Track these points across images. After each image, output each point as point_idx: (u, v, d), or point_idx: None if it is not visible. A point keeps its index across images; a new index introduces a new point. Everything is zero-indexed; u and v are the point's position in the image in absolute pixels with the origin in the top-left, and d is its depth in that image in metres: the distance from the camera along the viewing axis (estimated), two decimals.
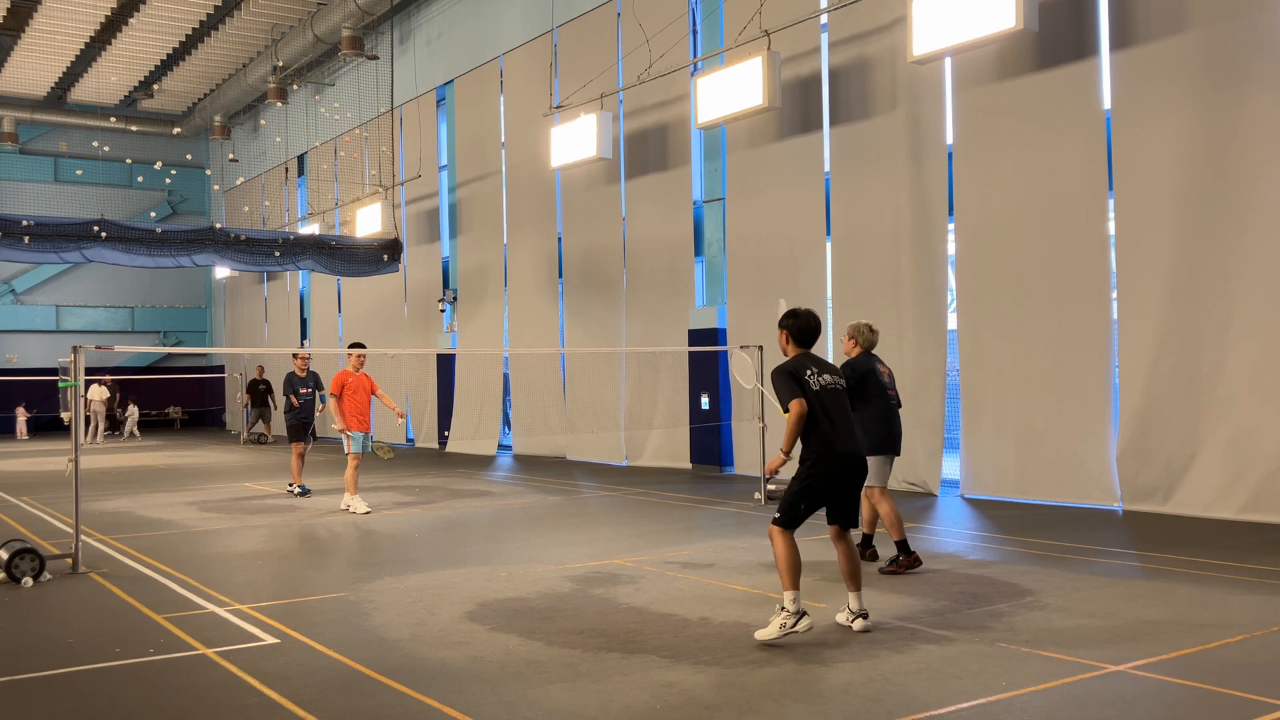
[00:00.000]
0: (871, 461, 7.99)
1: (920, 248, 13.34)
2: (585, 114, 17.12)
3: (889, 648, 5.92)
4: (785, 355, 6.70)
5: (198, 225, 22.04)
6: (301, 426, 14.26)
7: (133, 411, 29.96)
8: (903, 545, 8.16)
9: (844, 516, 6.46)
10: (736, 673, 5.51)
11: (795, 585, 6.11)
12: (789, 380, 6.38)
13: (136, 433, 29.90)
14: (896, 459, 8.54)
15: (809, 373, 6.41)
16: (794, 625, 6.05)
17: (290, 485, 14.25)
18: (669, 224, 17.23)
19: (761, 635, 6.09)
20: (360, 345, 12.91)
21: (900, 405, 8.53)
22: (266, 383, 25.64)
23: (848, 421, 6.45)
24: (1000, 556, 8.80)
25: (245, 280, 33.16)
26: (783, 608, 6.08)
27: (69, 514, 9.37)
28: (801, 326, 6.62)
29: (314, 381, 14.53)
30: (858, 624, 6.36)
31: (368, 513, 12.20)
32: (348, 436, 12.39)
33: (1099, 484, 11.52)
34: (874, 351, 8.59)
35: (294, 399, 14.29)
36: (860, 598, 6.42)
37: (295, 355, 14.62)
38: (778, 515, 6.30)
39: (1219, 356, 10.60)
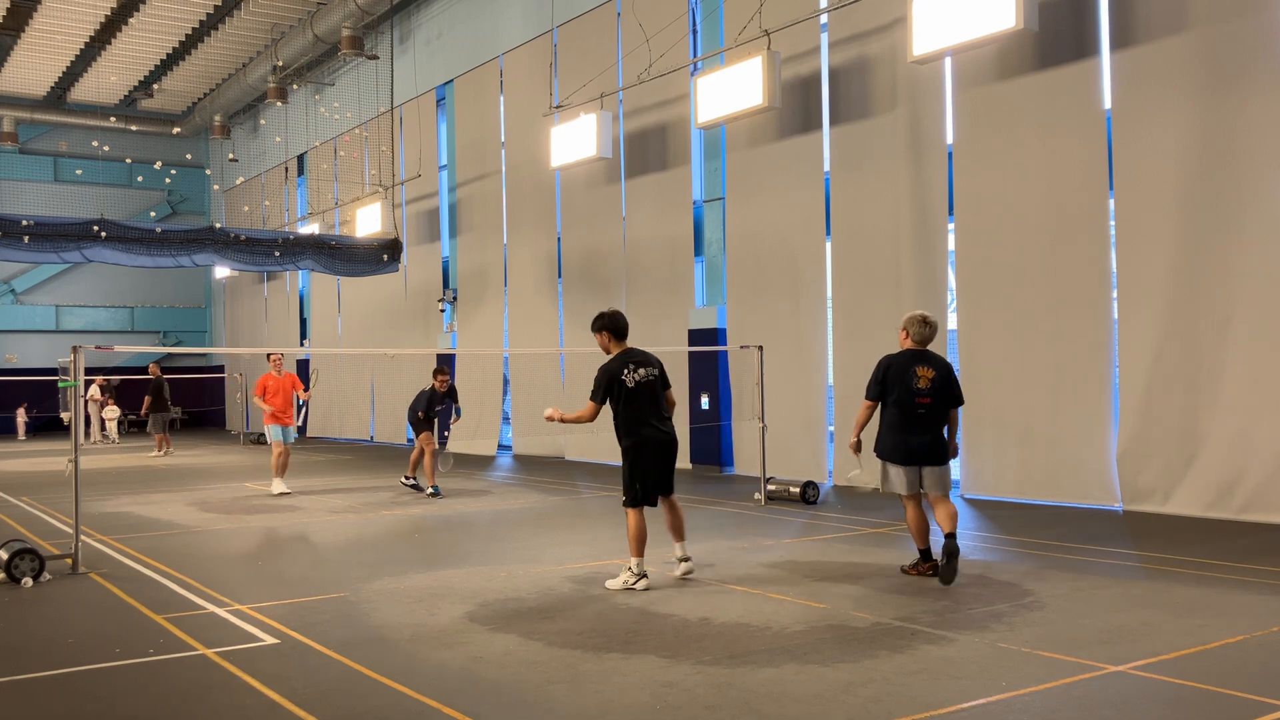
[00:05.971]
0: (881, 467, 7.91)
1: (920, 247, 13.33)
2: (585, 114, 17.11)
3: (889, 648, 5.91)
4: (609, 354, 7.74)
5: (198, 225, 22.00)
6: (429, 422, 13.86)
7: (110, 412, 28.19)
8: (925, 553, 7.95)
9: (661, 487, 7.72)
10: (736, 673, 5.50)
11: (639, 554, 7.56)
12: (607, 382, 7.58)
13: (115, 437, 28.11)
14: (927, 469, 7.81)
15: (626, 371, 7.59)
16: (634, 583, 7.49)
17: (426, 486, 13.95)
18: (669, 224, 17.22)
19: (609, 584, 7.59)
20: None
21: (926, 411, 7.71)
22: (161, 381, 23.24)
23: (655, 408, 7.65)
24: (1000, 556, 8.80)
25: (245, 280, 33.14)
26: (629, 569, 7.56)
27: (69, 514, 9.36)
28: (617, 324, 7.74)
29: (452, 395, 14.22)
30: (681, 568, 7.80)
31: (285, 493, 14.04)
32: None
33: (1099, 484, 11.52)
34: (930, 347, 7.89)
35: (422, 414, 13.87)
36: (684, 547, 7.87)
37: (436, 374, 13.98)
38: (624, 498, 7.66)
39: (1219, 356, 10.60)
